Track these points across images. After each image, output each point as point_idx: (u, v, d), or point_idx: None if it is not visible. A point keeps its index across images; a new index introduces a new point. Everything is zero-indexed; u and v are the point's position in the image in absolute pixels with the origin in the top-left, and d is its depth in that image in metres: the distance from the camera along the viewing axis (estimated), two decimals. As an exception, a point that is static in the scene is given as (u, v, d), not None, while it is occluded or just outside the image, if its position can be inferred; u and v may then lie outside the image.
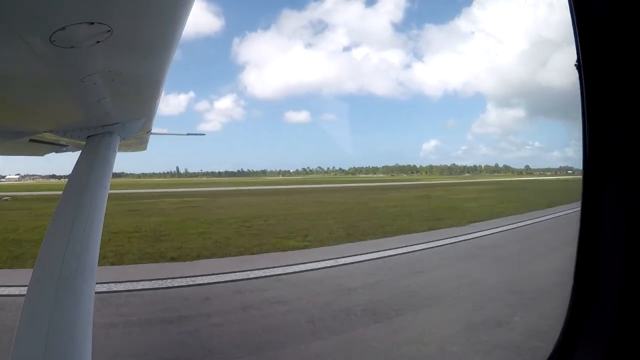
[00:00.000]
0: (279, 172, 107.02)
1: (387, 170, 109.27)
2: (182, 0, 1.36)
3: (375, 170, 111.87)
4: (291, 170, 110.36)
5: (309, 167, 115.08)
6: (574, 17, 1.26)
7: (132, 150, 5.37)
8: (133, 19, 1.34)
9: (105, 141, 2.65)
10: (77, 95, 2.02)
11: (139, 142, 4.49)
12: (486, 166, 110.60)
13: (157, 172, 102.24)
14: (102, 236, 2.22)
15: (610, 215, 1.24)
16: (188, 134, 11.87)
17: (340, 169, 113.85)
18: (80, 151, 2.69)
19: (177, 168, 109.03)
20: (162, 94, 2.55)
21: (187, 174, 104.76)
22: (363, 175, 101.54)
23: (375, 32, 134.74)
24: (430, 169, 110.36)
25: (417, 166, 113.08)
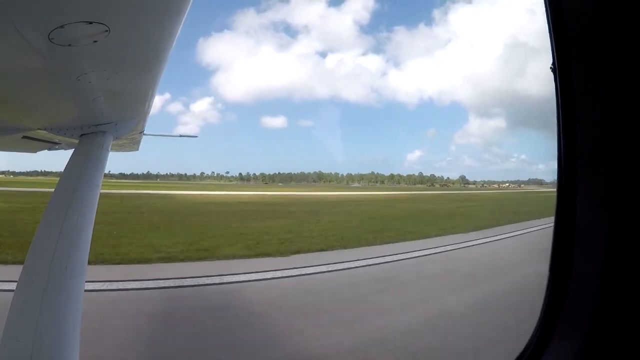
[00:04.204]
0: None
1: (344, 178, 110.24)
2: (178, 2, 1.40)
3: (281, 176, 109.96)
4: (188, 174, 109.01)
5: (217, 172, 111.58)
6: (549, 17, 1.26)
7: (125, 151, 5.34)
8: (131, 19, 1.38)
9: (98, 140, 2.66)
10: (72, 93, 2.04)
11: (131, 142, 4.48)
12: (408, 175, 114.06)
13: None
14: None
15: (584, 215, 1.26)
16: (181, 136, 11.86)
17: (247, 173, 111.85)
18: (73, 149, 2.71)
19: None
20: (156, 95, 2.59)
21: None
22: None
23: (345, 36, 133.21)
24: (343, 178, 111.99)
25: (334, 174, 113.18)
